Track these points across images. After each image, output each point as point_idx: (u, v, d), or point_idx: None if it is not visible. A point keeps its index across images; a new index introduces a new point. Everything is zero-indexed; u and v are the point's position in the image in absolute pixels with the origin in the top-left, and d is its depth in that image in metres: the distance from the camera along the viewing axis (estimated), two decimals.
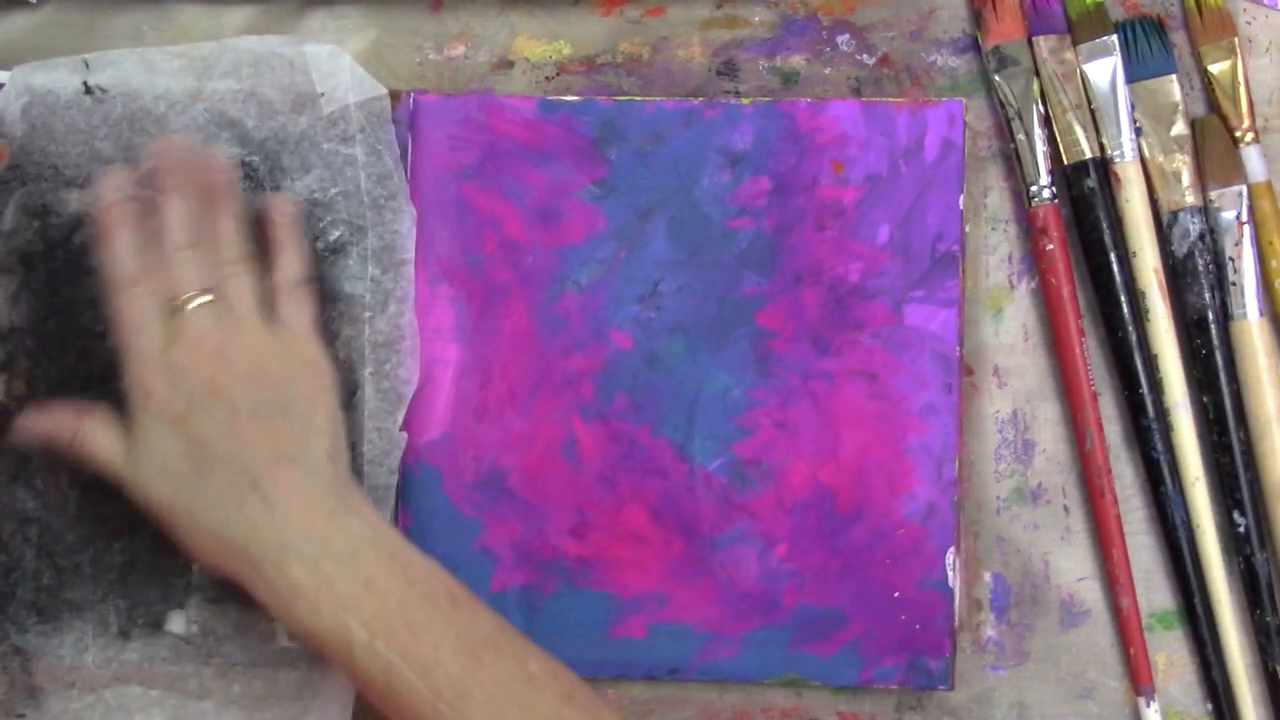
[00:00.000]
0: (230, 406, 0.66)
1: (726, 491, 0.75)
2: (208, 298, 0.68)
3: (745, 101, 0.76)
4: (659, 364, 0.75)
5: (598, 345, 0.75)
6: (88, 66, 0.75)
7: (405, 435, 0.74)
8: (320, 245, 0.74)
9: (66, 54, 0.77)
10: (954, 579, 0.74)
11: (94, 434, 0.69)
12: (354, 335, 0.74)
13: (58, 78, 0.75)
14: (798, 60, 0.78)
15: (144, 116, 0.75)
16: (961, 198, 0.75)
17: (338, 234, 0.74)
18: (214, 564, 0.67)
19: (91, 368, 0.73)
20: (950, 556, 0.74)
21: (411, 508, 0.75)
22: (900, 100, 0.75)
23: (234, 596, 0.73)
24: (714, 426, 0.75)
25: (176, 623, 0.74)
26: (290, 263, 0.71)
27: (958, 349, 0.75)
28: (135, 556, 0.74)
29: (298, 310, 0.71)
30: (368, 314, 0.74)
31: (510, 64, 0.78)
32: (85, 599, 0.74)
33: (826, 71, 0.78)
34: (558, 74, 0.78)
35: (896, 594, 0.75)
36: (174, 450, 0.67)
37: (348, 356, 0.74)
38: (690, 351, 0.75)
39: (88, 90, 0.74)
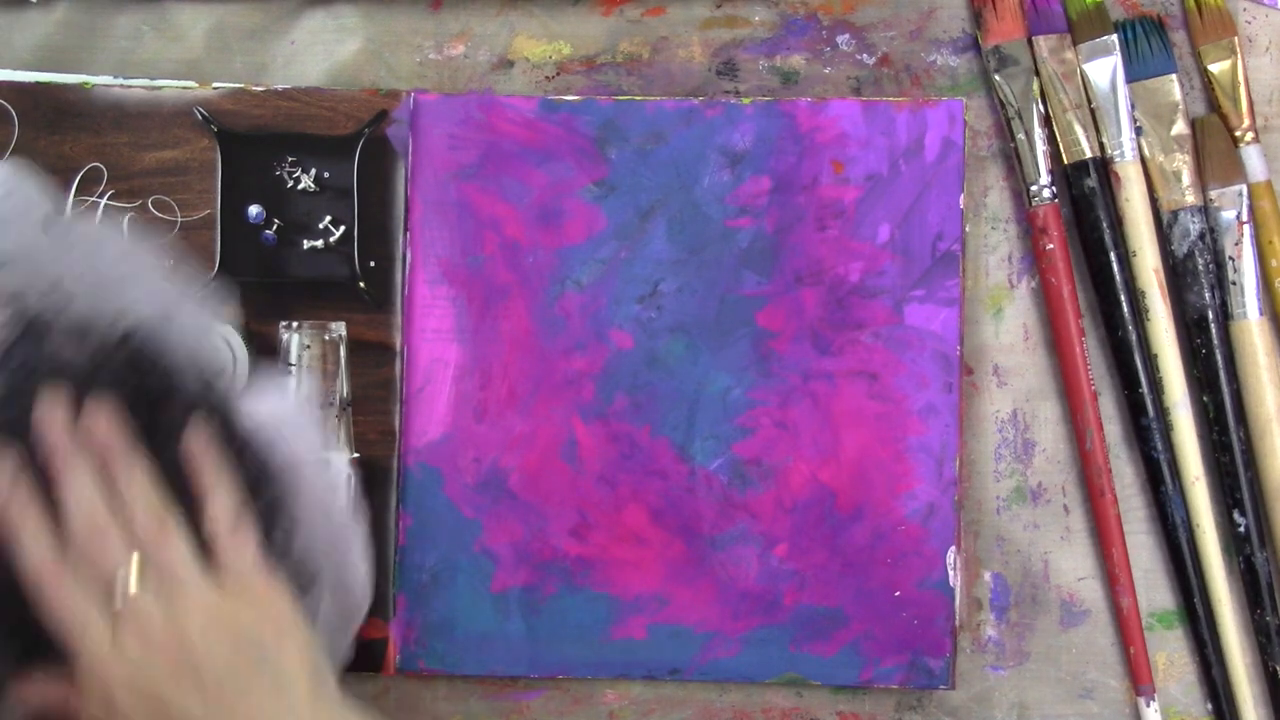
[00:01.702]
0: (198, 684, 0.61)
1: (727, 491, 0.75)
2: (137, 571, 0.62)
3: (745, 101, 0.76)
4: (659, 364, 0.75)
5: (598, 345, 0.75)
6: (62, 208, 0.71)
7: (353, 648, 0.72)
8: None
9: (67, 53, 0.78)
10: (954, 578, 0.74)
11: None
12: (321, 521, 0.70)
13: (29, 191, 0.68)
14: (797, 60, 0.78)
15: (99, 278, 0.68)
16: (962, 197, 0.75)
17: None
18: None
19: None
20: (951, 556, 0.74)
21: (412, 509, 0.75)
22: (900, 100, 0.75)
23: None
24: (714, 426, 0.75)
25: None
26: (218, 505, 0.64)
27: (958, 348, 0.75)
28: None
29: (238, 550, 0.64)
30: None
31: (510, 64, 0.78)
32: None
33: (826, 71, 0.78)
34: (557, 74, 0.78)
35: (897, 593, 0.75)
36: None
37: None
38: (690, 351, 0.75)
39: (56, 217, 0.69)
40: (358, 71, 0.78)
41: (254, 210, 0.76)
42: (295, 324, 0.76)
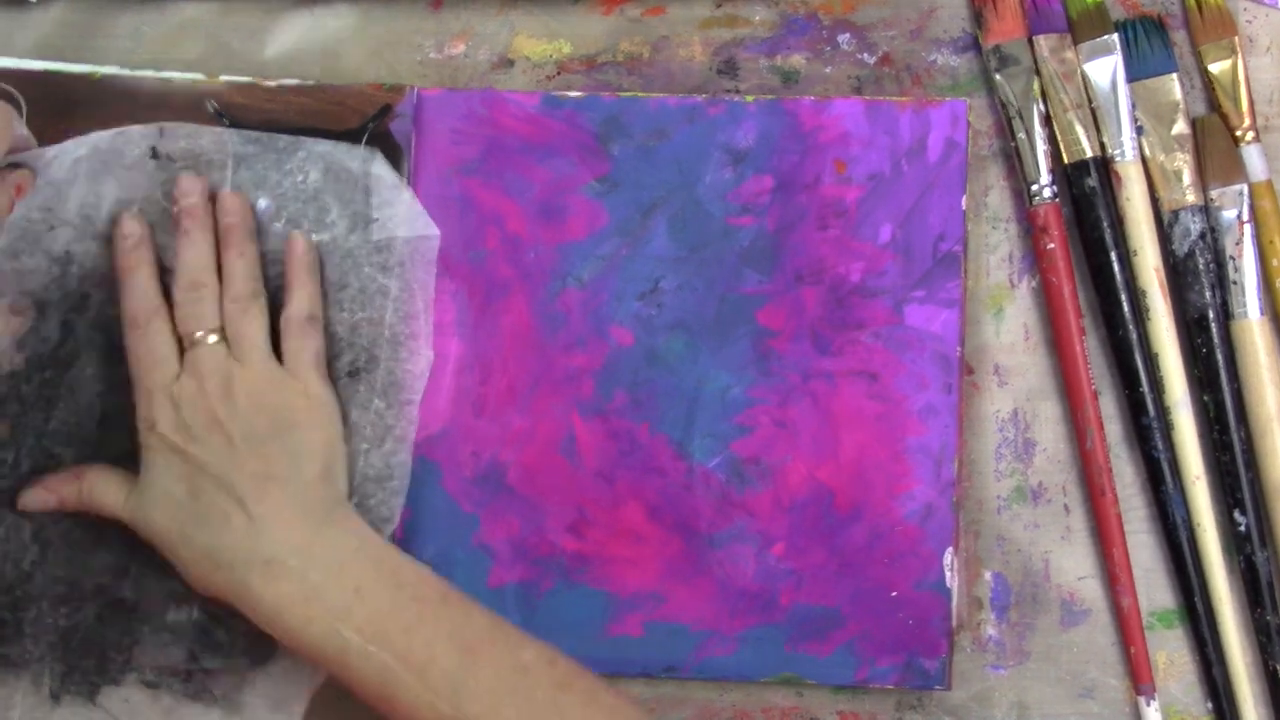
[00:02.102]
0: (226, 435, 0.70)
1: (725, 490, 0.75)
2: (217, 336, 0.71)
3: (749, 99, 0.76)
4: (659, 361, 0.75)
5: (598, 342, 0.75)
6: (162, 133, 0.75)
7: None
8: (334, 367, 0.74)
9: (66, 54, 0.78)
10: (951, 579, 0.74)
11: (96, 485, 0.72)
12: (347, 463, 0.74)
13: (128, 139, 0.75)
14: (798, 59, 0.78)
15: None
16: (964, 198, 0.75)
17: (352, 358, 0.74)
18: (208, 585, 0.70)
19: (78, 425, 0.73)
20: (948, 557, 0.74)
21: (410, 502, 0.75)
22: (904, 99, 0.76)
23: (170, 685, 0.73)
24: (713, 425, 0.75)
25: (110, 699, 0.73)
26: (299, 300, 0.73)
27: (958, 350, 0.75)
28: (79, 624, 0.73)
29: (303, 346, 0.72)
30: (364, 446, 0.74)
31: (510, 63, 0.78)
32: (22, 656, 0.73)
33: (827, 71, 0.78)
34: (558, 73, 0.78)
35: (894, 594, 0.74)
36: (173, 476, 0.70)
37: None
38: (690, 349, 0.75)
39: (155, 155, 0.74)
40: (358, 71, 0.78)
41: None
42: None
